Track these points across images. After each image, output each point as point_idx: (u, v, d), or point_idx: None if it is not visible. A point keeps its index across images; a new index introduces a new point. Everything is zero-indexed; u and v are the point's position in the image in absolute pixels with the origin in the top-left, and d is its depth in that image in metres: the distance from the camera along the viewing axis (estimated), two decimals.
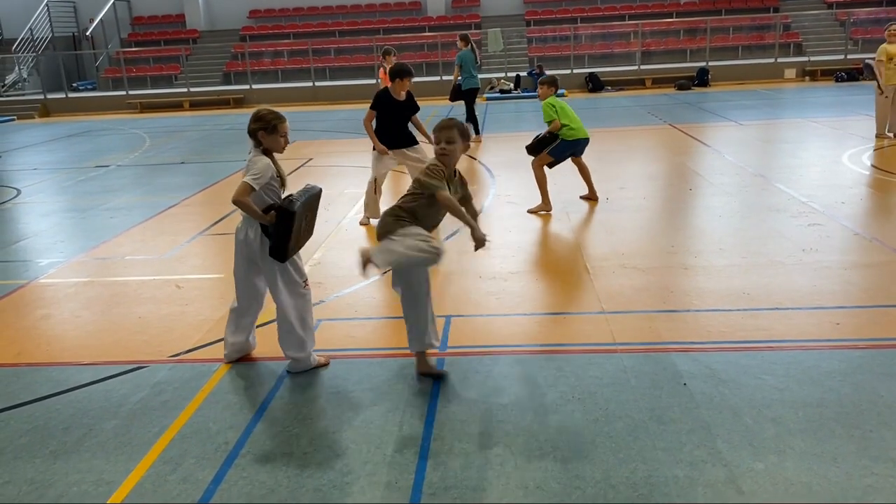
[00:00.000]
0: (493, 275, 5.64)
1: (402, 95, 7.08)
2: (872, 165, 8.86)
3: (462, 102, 12.90)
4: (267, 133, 3.82)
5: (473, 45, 12.90)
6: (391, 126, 7.10)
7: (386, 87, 7.15)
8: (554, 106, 7.28)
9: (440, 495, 2.93)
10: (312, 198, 3.96)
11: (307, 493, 2.99)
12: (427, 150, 6.41)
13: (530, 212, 7.34)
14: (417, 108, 7.26)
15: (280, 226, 3.75)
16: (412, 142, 7.22)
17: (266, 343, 4.39)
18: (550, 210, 7.34)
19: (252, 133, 3.85)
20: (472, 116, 12.58)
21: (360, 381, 3.96)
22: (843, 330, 4.31)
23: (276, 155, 3.94)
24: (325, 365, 4.12)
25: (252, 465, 3.21)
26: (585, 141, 7.52)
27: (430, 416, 3.53)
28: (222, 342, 4.32)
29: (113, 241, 7.16)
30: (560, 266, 5.97)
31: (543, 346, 4.31)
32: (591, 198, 7.67)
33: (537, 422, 3.43)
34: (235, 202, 3.75)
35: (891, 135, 10.60)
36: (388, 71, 8.04)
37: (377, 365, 4.13)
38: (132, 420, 3.65)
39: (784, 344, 4.15)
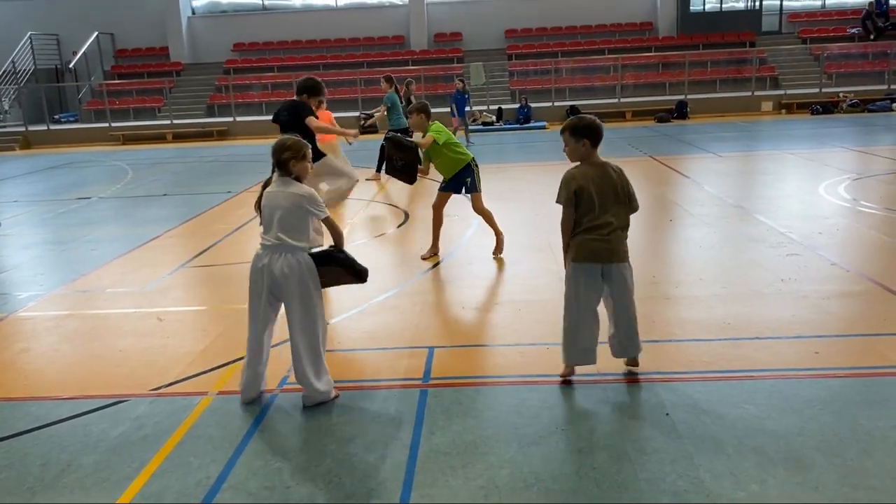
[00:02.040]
0: (476, 305, 5.66)
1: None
2: (849, 197, 9.01)
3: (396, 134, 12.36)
4: (297, 160, 3.90)
5: (397, 86, 12.58)
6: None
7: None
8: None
9: None
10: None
11: None
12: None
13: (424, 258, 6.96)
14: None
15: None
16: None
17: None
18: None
19: (284, 162, 3.88)
20: (382, 154, 12.09)
21: (343, 413, 3.94)
22: (823, 359, 4.36)
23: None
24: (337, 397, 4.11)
25: (234, 499, 3.18)
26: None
27: (414, 449, 3.52)
28: (204, 374, 4.28)
29: (94, 273, 7.11)
30: (543, 296, 6.00)
31: (527, 376, 4.32)
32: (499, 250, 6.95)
33: (521, 453, 3.43)
34: (341, 237, 4.13)
35: None
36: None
37: (360, 397, 4.12)
38: (112, 455, 3.60)
39: (765, 373, 4.19)
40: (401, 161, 6.90)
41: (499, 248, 6.92)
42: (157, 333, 5.34)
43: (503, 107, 21.70)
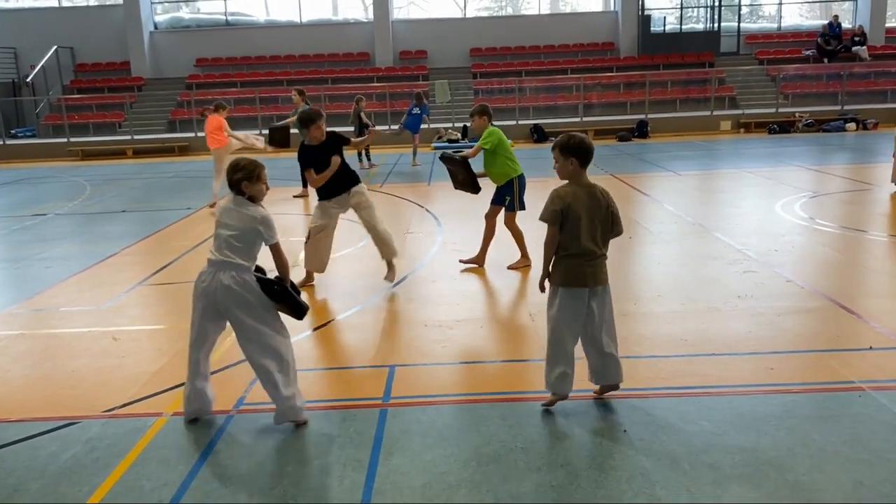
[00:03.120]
0: (438, 323, 5.64)
1: (320, 140, 6.43)
2: (805, 215, 9.22)
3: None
4: (251, 182, 3.82)
5: (307, 100, 12.09)
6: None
7: (302, 142, 6.56)
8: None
9: None
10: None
11: None
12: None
13: (511, 268, 7.03)
14: (344, 141, 6.58)
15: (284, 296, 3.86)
16: (350, 183, 6.59)
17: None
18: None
19: (236, 183, 3.82)
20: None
21: (301, 434, 3.89)
22: (778, 375, 4.43)
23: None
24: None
25: None
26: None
27: (372, 469, 3.48)
28: (159, 395, 4.19)
29: (48, 291, 6.95)
30: (504, 314, 6.02)
31: (487, 394, 4.31)
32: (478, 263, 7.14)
33: (480, 472, 3.41)
34: (286, 267, 3.90)
35: None
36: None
37: (319, 417, 4.07)
38: (60, 479, 3.50)
39: (721, 389, 4.24)
40: (460, 174, 7.06)
41: (518, 265, 7.04)
42: (111, 353, 5.23)
43: (468, 125, 21.83)
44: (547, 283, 3.97)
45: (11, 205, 12.98)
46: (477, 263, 7.14)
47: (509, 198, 6.95)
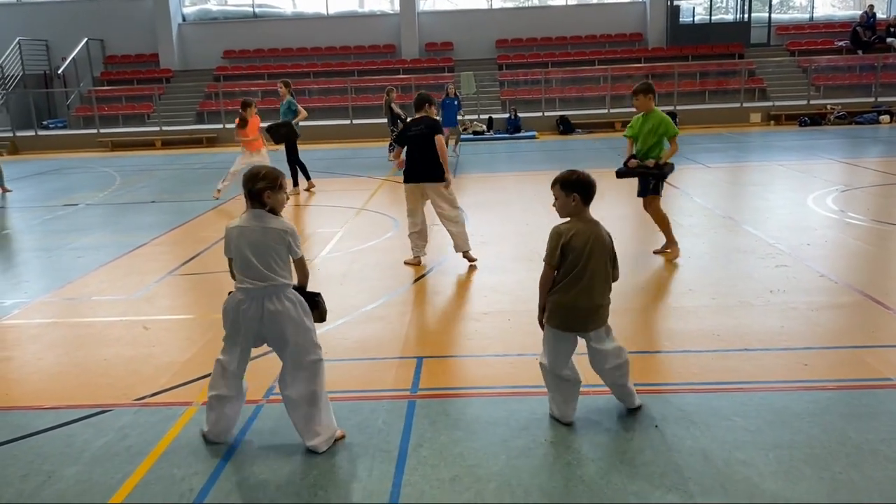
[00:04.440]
0: (465, 316, 5.63)
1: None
2: (837, 208, 9.06)
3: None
4: (273, 192, 3.52)
5: (293, 92, 12.18)
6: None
7: (427, 115, 7.03)
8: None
9: None
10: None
11: None
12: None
13: (656, 252, 7.06)
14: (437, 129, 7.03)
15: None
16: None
17: None
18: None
19: (258, 193, 3.51)
20: (300, 163, 12.04)
21: None
22: (812, 371, 4.35)
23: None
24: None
25: None
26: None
27: (401, 461, 3.48)
28: (189, 384, 4.22)
29: (79, 280, 7.04)
30: (532, 307, 5.97)
31: (516, 387, 4.29)
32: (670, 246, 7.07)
33: (509, 466, 3.40)
34: (307, 278, 3.76)
35: None
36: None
37: (348, 408, 4.07)
38: (94, 466, 3.54)
39: (754, 385, 4.18)
40: (652, 179, 6.88)
41: (666, 251, 7.02)
42: (142, 342, 5.28)
43: (493, 116, 21.74)
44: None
45: (44, 195, 13.17)
46: (670, 252, 7.01)
47: (654, 182, 6.85)
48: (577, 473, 3.31)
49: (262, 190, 3.52)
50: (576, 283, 3.61)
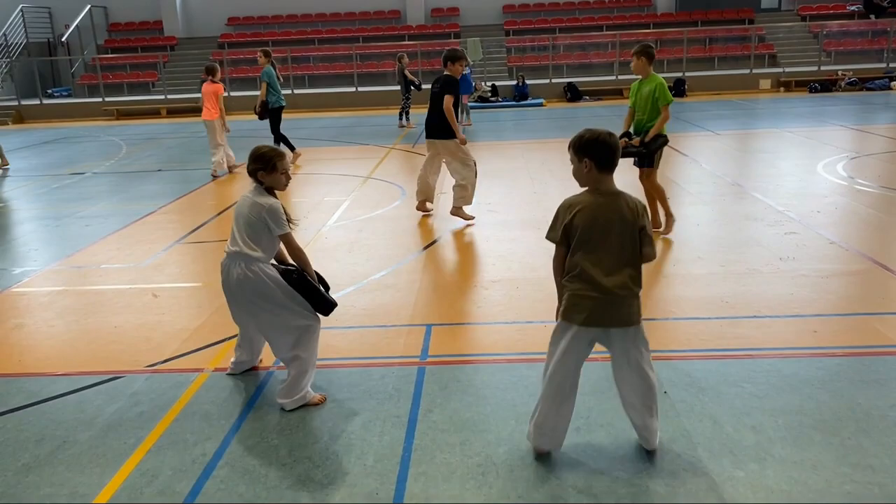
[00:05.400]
0: (474, 283, 5.63)
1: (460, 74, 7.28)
2: (847, 175, 8.98)
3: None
4: (266, 172, 3.67)
5: (273, 60, 11.87)
6: (456, 112, 7.27)
7: (448, 74, 7.22)
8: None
9: None
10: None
11: None
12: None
13: (661, 233, 6.56)
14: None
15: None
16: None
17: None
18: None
19: (252, 173, 3.70)
20: (279, 136, 11.65)
21: (341, 390, 3.92)
22: (821, 338, 4.35)
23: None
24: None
25: (230, 476, 3.16)
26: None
27: (412, 426, 3.51)
28: (200, 351, 4.25)
29: (88, 249, 7.06)
30: (540, 274, 5.97)
31: (525, 354, 4.30)
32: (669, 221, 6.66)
33: (519, 431, 3.41)
34: (301, 258, 3.76)
35: None
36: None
37: (358, 374, 4.10)
38: (107, 432, 3.58)
39: (763, 352, 4.18)
40: (642, 157, 6.72)
41: (666, 228, 6.63)
42: (152, 310, 5.31)
43: (498, 83, 21.54)
44: None
45: (50, 164, 13.16)
46: (664, 229, 6.65)
47: (650, 154, 6.60)
48: (586, 439, 3.33)
49: (255, 171, 3.71)
50: (591, 265, 2.95)
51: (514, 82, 21.25)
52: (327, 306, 3.77)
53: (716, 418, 3.45)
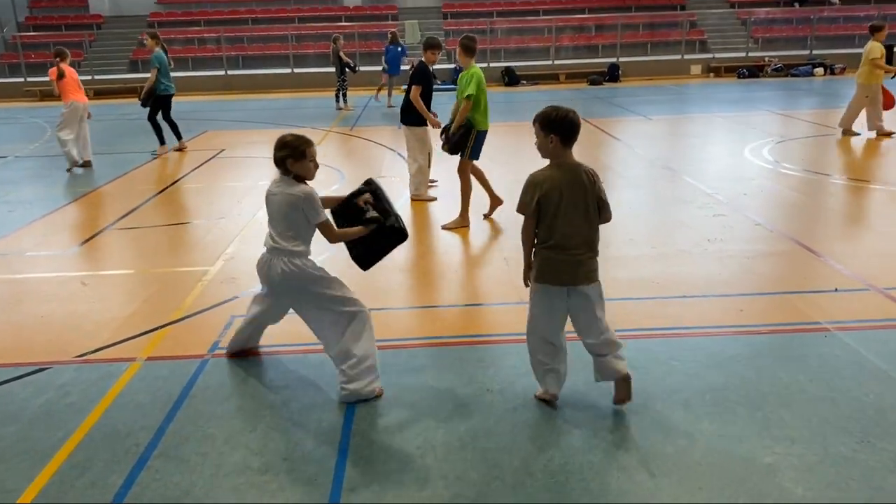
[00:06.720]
0: (410, 268, 5.64)
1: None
2: (772, 159, 9.30)
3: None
4: (295, 160, 3.54)
5: (164, 44, 11.51)
6: (428, 100, 7.44)
7: (421, 60, 7.51)
8: (476, 79, 6.53)
9: (360, 490, 2.92)
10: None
11: (224, 493, 2.93)
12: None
13: (445, 228, 6.60)
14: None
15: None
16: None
17: (177, 338, 4.25)
18: (468, 226, 6.66)
19: (280, 161, 3.55)
20: (156, 124, 11.16)
21: (277, 377, 3.90)
22: (747, 316, 4.52)
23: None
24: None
25: (165, 466, 3.12)
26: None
27: (350, 412, 3.51)
28: (132, 340, 4.15)
29: (12, 235, 6.80)
30: (479, 259, 6.03)
31: (463, 336, 4.35)
32: (496, 204, 6.88)
33: (457, 413, 3.46)
34: (337, 241, 3.77)
35: (859, 132, 10.61)
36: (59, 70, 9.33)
37: (295, 361, 4.08)
38: (34, 424, 3.48)
39: (692, 330, 4.32)
40: (452, 147, 6.64)
41: (453, 225, 6.62)
42: (81, 298, 5.16)
43: (437, 67, 21.47)
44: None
45: None
46: (456, 224, 6.67)
47: (455, 145, 6.58)
48: (522, 418, 3.39)
49: (283, 158, 3.56)
50: (557, 233, 3.32)
51: (453, 66, 21.23)
52: (401, 234, 3.81)
53: (647, 395, 3.55)
